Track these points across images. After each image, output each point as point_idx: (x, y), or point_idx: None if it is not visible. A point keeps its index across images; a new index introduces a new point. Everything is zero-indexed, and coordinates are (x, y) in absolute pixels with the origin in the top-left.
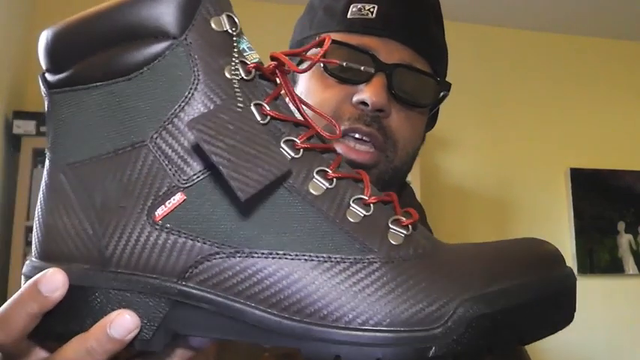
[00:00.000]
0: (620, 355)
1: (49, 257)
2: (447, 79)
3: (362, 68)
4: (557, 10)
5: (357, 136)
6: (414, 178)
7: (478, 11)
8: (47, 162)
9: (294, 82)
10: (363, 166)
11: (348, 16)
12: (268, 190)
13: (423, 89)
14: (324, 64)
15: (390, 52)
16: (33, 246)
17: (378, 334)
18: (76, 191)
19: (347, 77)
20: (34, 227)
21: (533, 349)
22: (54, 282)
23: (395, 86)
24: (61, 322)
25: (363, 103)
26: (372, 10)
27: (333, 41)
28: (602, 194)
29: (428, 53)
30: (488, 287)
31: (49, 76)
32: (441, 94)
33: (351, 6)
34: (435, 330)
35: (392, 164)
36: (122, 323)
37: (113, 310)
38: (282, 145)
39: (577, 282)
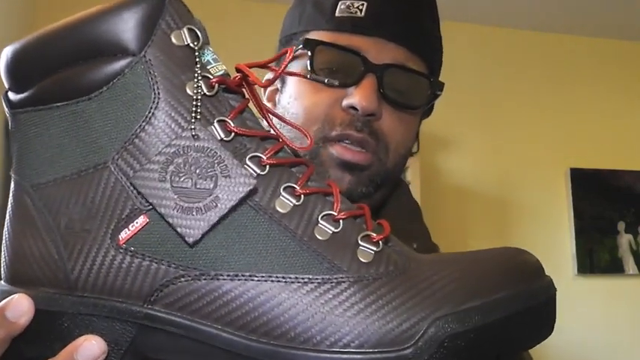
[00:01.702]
0: (619, 355)
1: (16, 281)
2: (445, 79)
3: (348, 79)
4: (557, 10)
5: (347, 142)
6: (413, 178)
7: (478, 11)
8: (12, 183)
9: (284, 84)
10: (357, 166)
11: (337, 14)
12: (233, 210)
13: (415, 90)
14: (311, 67)
15: (380, 52)
16: (1, 269)
17: (347, 355)
18: (41, 214)
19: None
20: (2, 250)
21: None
22: (20, 308)
23: (386, 88)
24: (31, 346)
25: (353, 107)
26: (360, 7)
27: (321, 42)
28: (602, 194)
29: (422, 51)
30: (462, 304)
31: (11, 96)
32: (435, 93)
33: (340, 3)
34: (405, 350)
35: (384, 167)
36: (89, 348)
37: (81, 334)
38: (247, 162)
39: (577, 282)
